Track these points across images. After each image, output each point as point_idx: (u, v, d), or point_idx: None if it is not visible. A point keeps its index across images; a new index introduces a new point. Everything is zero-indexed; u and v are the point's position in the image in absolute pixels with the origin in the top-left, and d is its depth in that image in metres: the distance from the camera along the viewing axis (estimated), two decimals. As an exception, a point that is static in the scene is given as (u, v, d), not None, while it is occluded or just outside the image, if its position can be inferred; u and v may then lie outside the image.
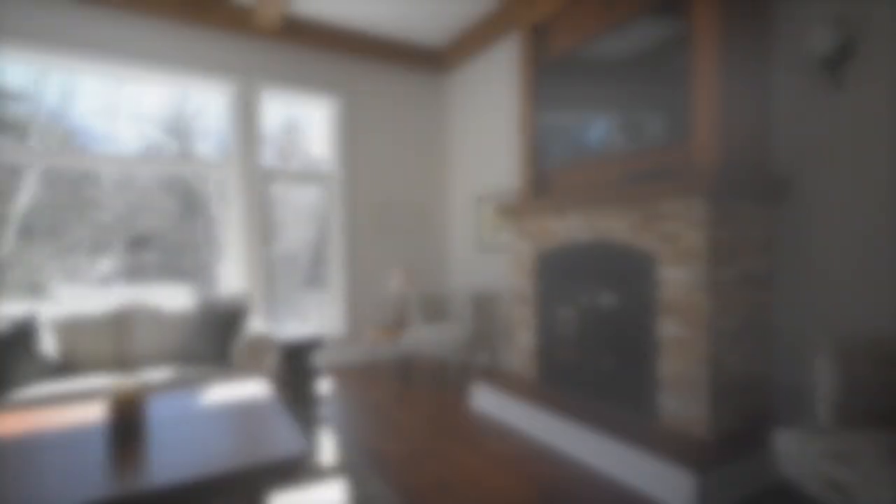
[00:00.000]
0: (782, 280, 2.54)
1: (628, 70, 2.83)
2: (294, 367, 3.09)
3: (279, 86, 4.51)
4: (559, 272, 3.25)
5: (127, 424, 1.67)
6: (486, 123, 4.86)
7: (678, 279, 2.42)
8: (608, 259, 2.84)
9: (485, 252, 4.89)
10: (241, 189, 4.35)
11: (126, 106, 4.11)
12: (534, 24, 3.48)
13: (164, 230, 4.35)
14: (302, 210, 4.89)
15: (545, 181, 3.58)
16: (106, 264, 4.19)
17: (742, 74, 2.44)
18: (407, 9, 4.24)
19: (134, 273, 4.22)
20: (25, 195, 3.83)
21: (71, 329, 2.92)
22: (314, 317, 5.01)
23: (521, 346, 3.54)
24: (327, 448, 2.79)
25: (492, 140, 4.78)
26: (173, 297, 3.40)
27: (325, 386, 4.08)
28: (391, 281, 4.53)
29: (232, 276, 4.41)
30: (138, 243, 4.27)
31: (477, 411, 3.42)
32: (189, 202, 4.49)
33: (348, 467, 2.54)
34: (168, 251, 4.38)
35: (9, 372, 2.49)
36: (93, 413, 1.98)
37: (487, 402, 3.38)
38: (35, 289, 3.87)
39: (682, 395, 2.41)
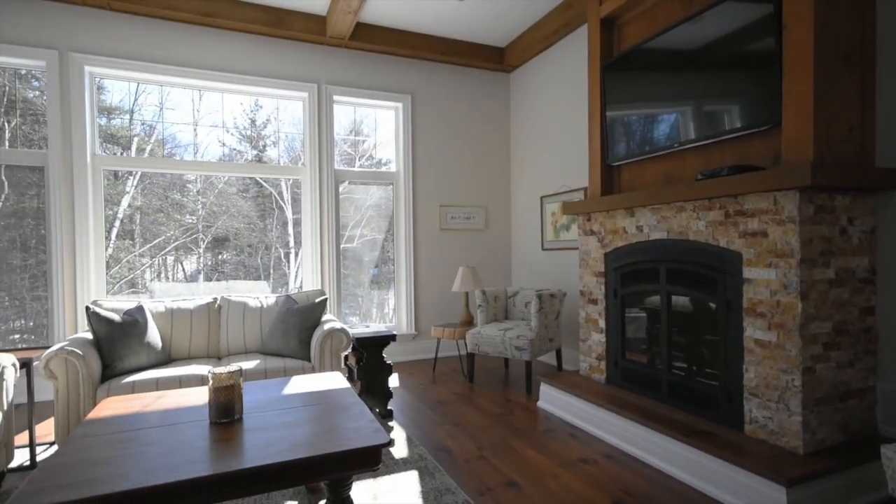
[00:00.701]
0: (888, 279, 2.32)
1: (704, 58, 2.70)
2: (367, 362, 3.22)
3: (349, 91, 4.70)
4: (629, 271, 3.15)
5: (225, 408, 1.82)
6: (550, 121, 4.79)
7: (765, 280, 2.27)
8: (683, 258, 2.72)
9: (549, 251, 4.83)
10: (314, 191, 4.58)
11: (207, 116, 4.44)
12: (603, 18, 3.39)
13: (240, 231, 4.65)
14: (365, 210, 5.05)
15: (614, 178, 3.49)
16: (191, 262, 4.55)
17: (841, 57, 2.25)
18: (472, 8, 4.28)
19: (213, 270, 4.56)
20: (126, 200, 4.24)
21: (171, 320, 3.21)
22: (376, 314, 5.17)
23: (588, 346, 3.47)
24: (398, 441, 2.88)
25: (556, 138, 4.71)
26: (255, 294, 3.64)
27: (392, 381, 4.20)
28: (456, 280, 4.59)
29: (307, 274, 4.65)
30: (217, 243, 4.59)
31: (543, 411, 3.39)
32: (262, 204, 4.77)
33: (417, 460, 2.61)
34: (243, 250, 4.68)
35: (124, 357, 2.78)
36: (197, 396, 2.17)
37: (554, 401, 3.35)
38: (132, 284, 4.28)
39: (770, 404, 2.27)
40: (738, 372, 2.42)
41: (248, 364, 2.96)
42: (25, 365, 2.55)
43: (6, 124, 3.81)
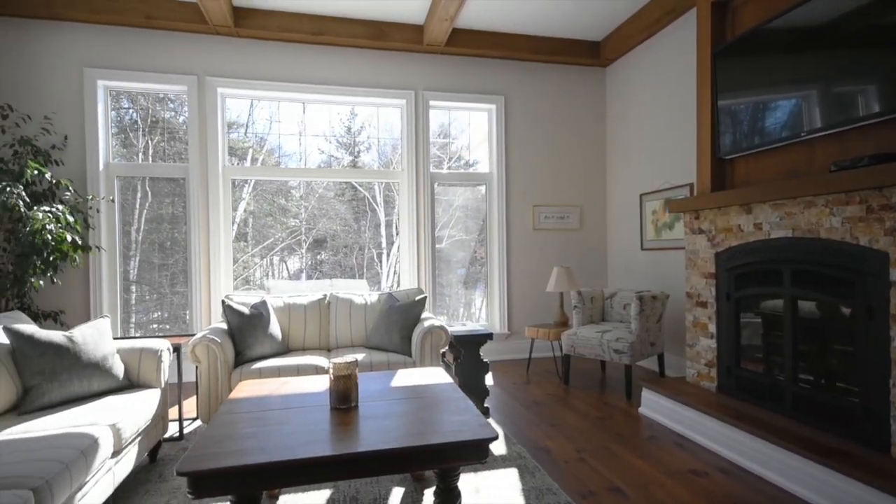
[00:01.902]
0: None
1: (834, 36, 2.42)
2: (465, 359, 3.31)
3: (444, 96, 4.84)
4: (744, 273, 2.92)
5: (344, 395, 1.99)
6: (650, 115, 4.56)
7: (917, 283, 2.00)
8: (811, 259, 2.47)
9: (649, 251, 4.60)
10: (411, 194, 4.78)
11: (310, 126, 4.81)
12: (714, 2, 3.17)
13: (336, 232, 4.97)
14: (453, 211, 5.15)
15: (726, 172, 3.25)
16: (294, 262, 4.95)
17: None
18: (567, 4, 4.20)
19: (314, 270, 4.92)
20: (242, 206, 4.73)
21: (288, 315, 3.54)
22: (463, 314, 5.26)
23: (696, 352, 3.27)
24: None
25: (657, 132, 4.48)
26: (359, 292, 3.89)
27: (486, 379, 4.26)
28: (550, 280, 4.54)
29: (404, 273, 4.86)
30: (317, 244, 4.95)
31: (645, 417, 3.25)
32: (357, 207, 5.06)
33: (516, 458, 2.63)
34: (339, 251, 4.99)
35: (252, 346, 3.13)
36: (315, 383, 2.38)
37: (657, 408, 3.19)
38: (246, 282, 4.76)
39: (922, 424, 1.99)
40: (883, 387, 2.15)
41: (356, 357, 3.17)
42: (176, 350, 2.96)
43: (150, 142, 4.44)
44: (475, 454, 1.66)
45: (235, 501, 1.61)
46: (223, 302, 3.21)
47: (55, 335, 2.34)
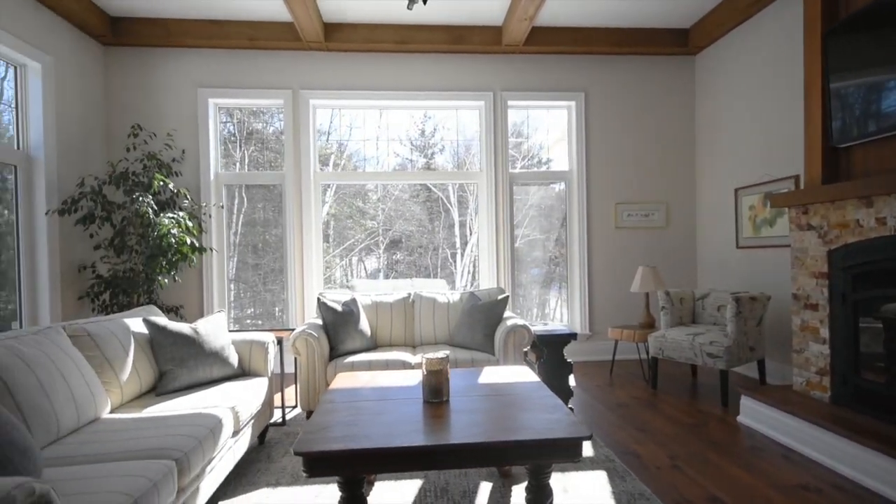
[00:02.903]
0: None
1: None
2: (548, 359, 3.30)
3: (523, 95, 4.83)
4: (863, 273, 2.65)
5: (436, 389, 2.08)
6: (746, 104, 4.26)
7: None
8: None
9: (746, 249, 4.29)
10: (490, 194, 4.82)
11: (386, 131, 5.00)
12: (824, -24, 2.91)
13: (412, 233, 5.11)
14: (527, 210, 5.11)
15: (840, 162, 2.96)
16: (371, 262, 5.16)
17: None
18: (653, -6, 4.04)
19: (390, 269, 5.10)
20: (325, 209, 5.02)
21: (375, 312, 3.73)
22: (537, 314, 5.20)
23: (805, 358, 3.01)
24: (582, 439, 2.89)
25: (754, 122, 4.16)
26: (442, 291, 3.99)
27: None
28: (634, 280, 4.38)
29: (483, 273, 4.92)
30: (392, 245, 5.13)
31: (745, 426, 3.05)
32: (431, 209, 5.17)
33: (604, 461, 2.59)
34: (414, 251, 5.13)
35: (344, 341, 3.33)
36: (406, 377, 2.50)
37: (759, 417, 2.98)
38: (328, 281, 5.03)
39: None
40: None
41: (441, 354, 3.28)
42: (279, 343, 3.23)
43: (245, 152, 4.85)
44: (568, 453, 1.67)
45: (342, 482, 1.75)
46: (318, 299, 3.45)
47: (183, 327, 2.65)
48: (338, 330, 3.35)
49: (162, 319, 2.65)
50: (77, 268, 3.99)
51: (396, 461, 1.65)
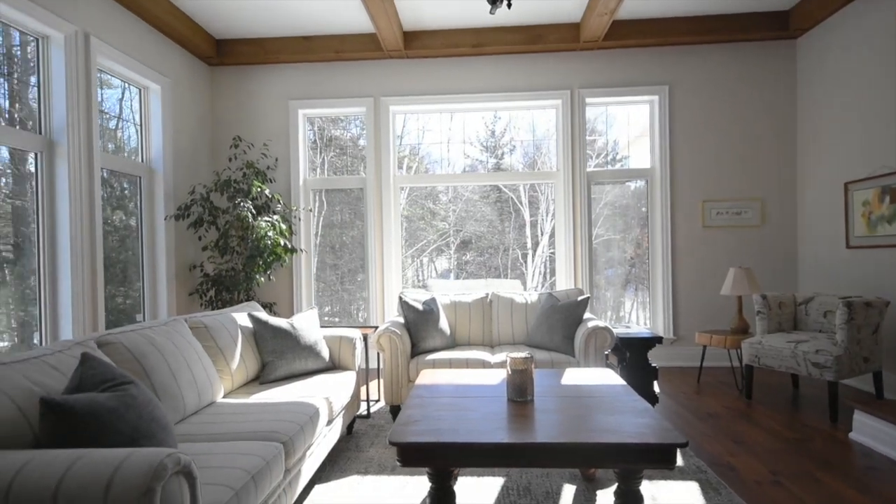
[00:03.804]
0: None
1: None
2: (631, 362, 3.20)
3: (601, 92, 4.71)
4: None
5: (520, 388, 2.10)
6: (857, 90, 3.86)
7: None
8: None
9: (858, 249, 3.89)
10: (567, 194, 4.75)
11: (457, 133, 5.06)
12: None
13: (482, 234, 5.13)
14: (601, 209, 4.94)
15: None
16: (441, 262, 5.25)
17: None
18: (747, -23, 3.78)
19: (460, 270, 5.15)
20: (399, 211, 5.17)
21: (454, 311, 3.81)
22: (612, 316, 5.01)
23: (934, 373, 2.69)
24: (669, 447, 2.78)
25: (867, 109, 3.76)
26: (519, 291, 4.00)
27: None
28: (725, 282, 4.12)
29: (560, 274, 4.85)
30: (462, 245, 5.17)
31: (859, 444, 2.78)
32: (501, 209, 5.16)
33: (696, 472, 2.47)
34: (483, 251, 5.14)
35: (425, 339, 3.45)
36: (487, 376, 2.55)
37: (876, 434, 2.70)
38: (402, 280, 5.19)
39: None
40: None
41: (525, 353, 3.29)
42: (364, 339, 3.40)
43: (325, 158, 5.13)
44: (661, 459, 1.63)
45: (432, 474, 1.82)
46: (400, 298, 3.59)
47: (282, 322, 2.88)
48: (419, 328, 3.47)
49: (263, 315, 2.89)
50: (188, 267, 4.44)
51: (485, 456, 1.70)
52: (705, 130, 4.69)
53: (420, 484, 2.43)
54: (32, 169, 3.09)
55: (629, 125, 4.96)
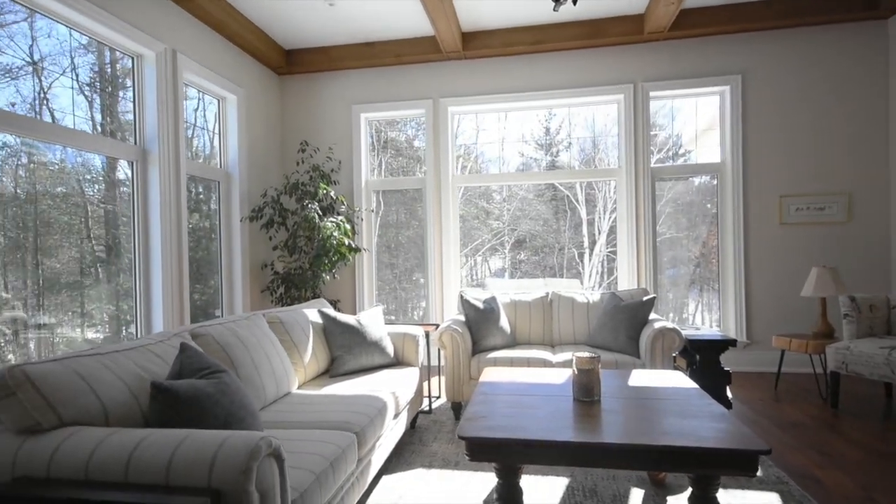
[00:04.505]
0: None
1: None
2: (701, 366, 3.08)
3: (666, 84, 4.54)
4: None
5: (587, 388, 2.08)
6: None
7: None
8: None
9: (968, 247, 3.51)
10: (630, 191, 4.61)
11: (509, 131, 5.02)
12: None
13: (537, 233, 5.05)
14: (662, 206, 4.74)
15: None
16: (495, 262, 5.22)
17: None
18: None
19: (515, 269, 5.11)
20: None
21: (514, 310, 3.81)
22: (674, 317, 4.79)
23: None
24: (746, 455, 2.65)
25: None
26: (581, 290, 3.93)
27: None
28: (807, 283, 3.84)
29: (622, 273, 4.72)
30: (517, 244, 5.12)
31: (969, 464, 2.52)
32: (556, 207, 5.06)
33: (776, 483, 2.34)
34: (538, 250, 5.06)
35: (486, 337, 3.48)
36: (550, 375, 2.54)
37: None
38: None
39: None
40: None
41: (585, 353, 3.24)
42: (426, 336, 3.48)
43: (382, 159, 5.26)
44: (742, 465, 1.56)
45: (500, 469, 1.85)
46: (461, 296, 3.63)
47: (349, 318, 3.00)
48: (480, 326, 3.50)
49: (332, 311, 3.03)
50: (260, 265, 4.72)
51: (554, 454, 1.70)
52: (782, 121, 4.40)
53: (485, 480, 2.46)
54: (121, 176, 3.40)
55: (697, 118, 4.74)
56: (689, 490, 1.80)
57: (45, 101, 2.91)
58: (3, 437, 1.35)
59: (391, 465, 2.65)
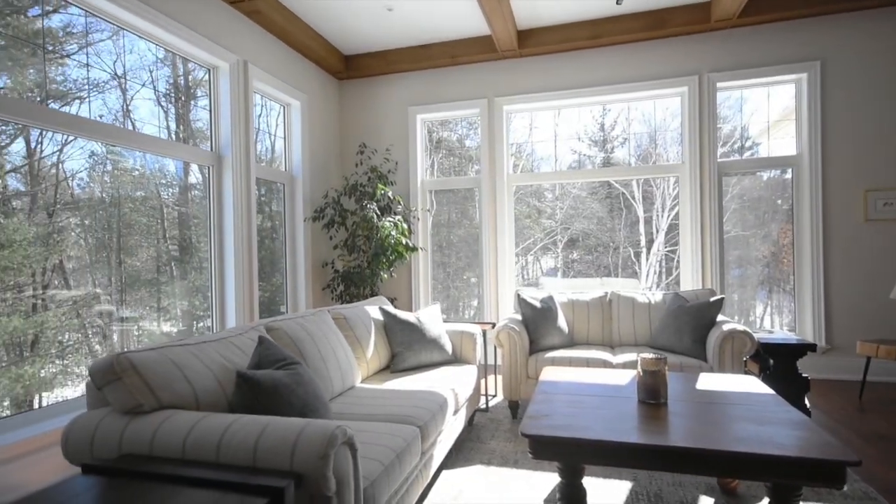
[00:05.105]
0: None
1: None
2: (776, 371, 2.91)
3: (735, 74, 4.31)
4: None
5: (652, 390, 2.03)
6: None
7: None
8: None
9: None
10: (694, 187, 4.42)
11: (562, 127, 4.91)
12: None
13: (591, 231, 4.92)
14: (727, 202, 4.47)
15: None
16: (546, 261, 5.13)
17: None
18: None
19: (568, 268, 4.99)
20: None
21: (572, 310, 3.76)
22: (739, 319, 4.51)
23: None
24: (827, 468, 2.48)
25: None
26: (641, 290, 3.81)
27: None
28: (897, 284, 3.54)
29: (685, 273, 4.53)
30: (570, 243, 5.00)
31: None
32: (611, 205, 4.90)
33: (862, 498, 2.18)
34: (592, 249, 4.92)
35: (544, 336, 3.45)
36: (612, 376, 2.49)
37: None
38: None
39: None
40: None
41: (651, 354, 3.15)
42: (483, 334, 3.50)
43: (434, 159, 5.31)
44: (827, 477, 1.47)
45: (563, 469, 1.84)
46: (518, 295, 3.62)
47: (409, 315, 3.07)
48: (537, 325, 3.48)
49: (393, 309, 3.11)
50: (321, 264, 4.91)
51: (620, 456, 1.68)
52: (867, 109, 4.07)
53: (544, 479, 2.45)
54: (192, 180, 3.64)
55: (769, 108, 4.47)
56: (766, 501, 1.72)
57: (128, 113, 3.17)
58: (110, 418, 1.50)
59: (451, 461, 2.69)
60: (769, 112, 4.48)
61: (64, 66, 2.80)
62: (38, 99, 2.62)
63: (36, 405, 2.53)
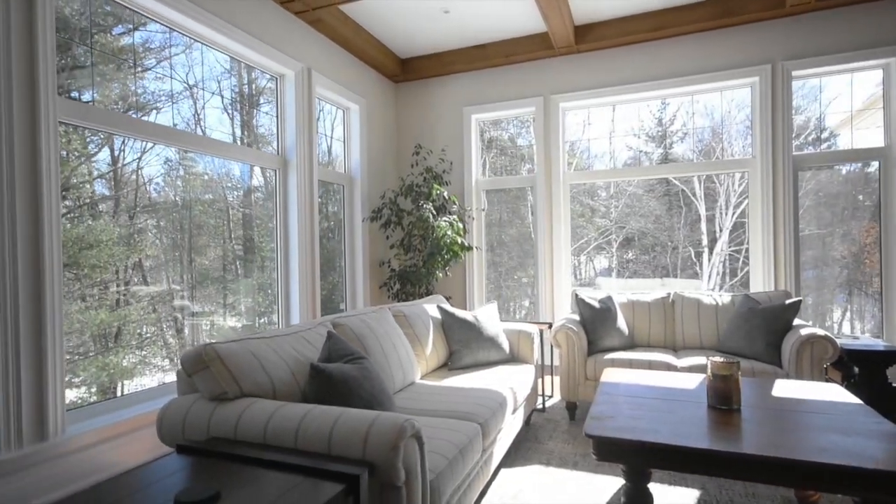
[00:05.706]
0: None
1: None
2: (862, 380, 2.71)
3: (814, 62, 4.02)
4: None
5: (723, 395, 1.95)
6: None
7: None
8: None
9: None
10: (766, 183, 4.16)
11: (617, 124, 4.74)
12: None
13: (647, 230, 4.71)
14: (801, 197, 4.15)
15: None
16: (600, 261, 4.97)
17: None
18: None
19: (623, 269, 4.82)
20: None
21: (632, 311, 3.65)
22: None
23: None
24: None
25: None
26: (708, 291, 3.65)
27: (888, 411, 3.32)
28: None
29: (755, 274, 4.29)
30: (626, 242, 4.82)
31: None
32: (669, 203, 4.67)
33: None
34: (649, 249, 4.72)
35: (603, 337, 3.38)
36: (678, 379, 2.41)
37: None
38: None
39: None
40: None
41: (721, 358, 3.01)
42: (540, 334, 3.47)
43: (486, 158, 5.29)
44: (927, 494, 1.36)
45: (629, 472, 1.80)
46: (576, 295, 3.57)
47: (466, 314, 3.10)
48: (596, 326, 3.41)
49: (450, 307, 3.16)
50: (378, 263, 5.04)
51: (691, 461, 1.63)
52: (971, 94, 3.68)
53: (605, 482, 2.40)
54: (255, 183, 3.83)
55: (852, 97, 4.14)
56: (854, 516, 1.61)
57: (199, 121, 3.39)
58: (200, 404, 1.62)
59: (509, 460, 2.70)
60: (852, 101, 4.15)
61: (143, 80, 3.04)
62: (122, 110, 2.86)
63: (118, 393, 2.76)
